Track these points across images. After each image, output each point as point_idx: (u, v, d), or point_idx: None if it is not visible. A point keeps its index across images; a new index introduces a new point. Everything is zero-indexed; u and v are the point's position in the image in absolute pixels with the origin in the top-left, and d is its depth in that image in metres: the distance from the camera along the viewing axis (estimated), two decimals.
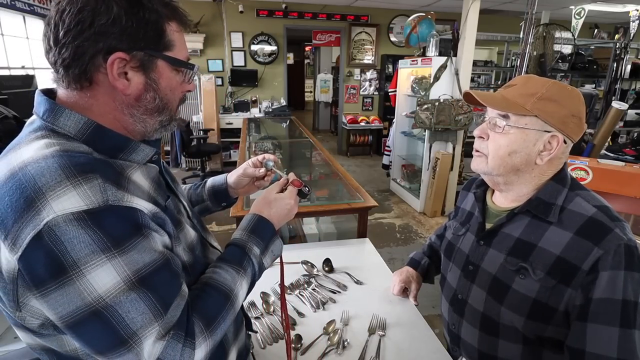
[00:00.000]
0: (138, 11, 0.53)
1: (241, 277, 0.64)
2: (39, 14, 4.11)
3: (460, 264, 0.95)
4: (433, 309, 2.38)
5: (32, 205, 0.45)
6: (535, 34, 3.83)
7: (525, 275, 0.79)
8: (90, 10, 0.51)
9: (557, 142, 0.78)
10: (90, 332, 0.48)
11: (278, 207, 0.74)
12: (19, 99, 2.62)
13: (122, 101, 0.57)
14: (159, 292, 0.51)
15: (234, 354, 0.74)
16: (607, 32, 6.96)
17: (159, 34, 0.56)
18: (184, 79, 0.62)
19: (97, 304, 0.47)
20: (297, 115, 5.96)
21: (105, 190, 0.48)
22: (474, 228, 0.94)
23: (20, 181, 0.46)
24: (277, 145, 3.68)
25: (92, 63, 0.53)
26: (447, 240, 1.04)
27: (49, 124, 0.54)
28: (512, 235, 0.84)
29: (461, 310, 0.93)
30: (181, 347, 0.52)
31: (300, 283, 1.24)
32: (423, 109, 3.70)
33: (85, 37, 0.51)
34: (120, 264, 0.48)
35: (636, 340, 0.68)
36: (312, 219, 2.45)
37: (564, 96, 0.78)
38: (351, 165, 5.95)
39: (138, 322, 0.49)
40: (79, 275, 0.46)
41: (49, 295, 0.47)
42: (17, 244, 0.45)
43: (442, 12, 5.93)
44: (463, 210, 1.03)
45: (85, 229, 0.46)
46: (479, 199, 0.96)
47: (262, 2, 5.68)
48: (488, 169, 0.84)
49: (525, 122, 0.78)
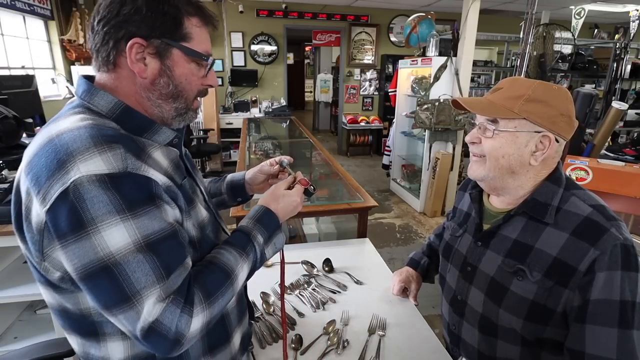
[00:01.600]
0: (158, 4, 0.60)
1: (243, 260, 0.68)
2: (39, 14, 4.11)
3: (458, 265, 0.95)
4: (433, 309, 2.38)
5: (63, 166, 0.52)
6: (535, 34, 3.83)
7: (522, 277, 0.79)
8: (118, 1, 0.59)
9: (549, 141, 0.78)
10: (99, 286, 0.53)
11: (285, 203, 0.78)
12: (19, 99, 2.63)
13: (141, 84, 0.63)
14: (163, 258, 0.55)
15: (238, 338, 0.78)
16: (607, 32, 6.96)
17: (177, 25, 0.62)
18: (201, 71, 0.67)
19: (108, 260, 0.52)
20: (297, 115, 5.96)
21: (126, 159, 0.54)
22: (471, 229, 0.94)
23: (56, 146, 0.53)
24: (277, 145, 3.68)
25: (115, 47, 0.60)
26: (445, 242, 1.04)
27: (86, 102, 0.62)
28: (510, 237, 0.83)
29: (461, 311, 0.93)
30: (179, 313, 0.55)
31: (300, 283, 1.24)
32: (423, 109, 3.70)
33: (112, 24, 0.59)
34: (132, 227, 0.53)
35: (635, 341, 0.68)
36: (312, 219, 2.45)
37: (551, 96, 0.78)
38: (351, 165, 5.95)
39: (142, 282, 0.53)
40: (95, 232, 0.52)
41: (68, 247, 0.52)
42: (47, 198, 0.52)
43: (442, 12, 5.93)
44: (460, 211, 1.03)
45: (105, 190, 0.52)
46: (475, 199, 0.95)
47: (262, 2, 5.68)
48: (485, 172, 0.84)
49: (514, 125, 0.79)
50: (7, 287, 1.69)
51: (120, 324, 0.55)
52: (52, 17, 4.34)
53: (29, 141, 1.75)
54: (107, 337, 0.63)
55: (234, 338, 0.77)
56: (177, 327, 0.55)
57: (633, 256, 0.71)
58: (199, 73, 0.66)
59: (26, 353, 0.94)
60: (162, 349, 0.55)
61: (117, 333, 0.62)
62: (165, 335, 0.54)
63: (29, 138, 1.76)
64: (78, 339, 0.65)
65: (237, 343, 0.79)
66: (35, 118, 2.91)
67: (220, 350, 0.73)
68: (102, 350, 0.63)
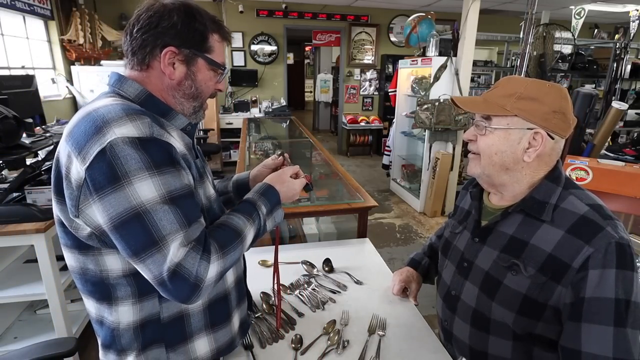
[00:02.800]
0: (190, 21, 0.73)
1: (250, 225, 0.77)
2: (39, 14, 4.11)
3: (455, 261, 0.96)
4: (433, 309, 2.38)
5: (100, 130, 0.61)
6: (535, 34, 3.83)
7: (516, 271, 0.80)
8: (158, 16, 0.71)
9: (542, 138, 0.79)
10: (131, 232, 0.62)
11: (287, 187, 0.88)
12: (19, 99, 2.62)
13: (168, 84, 0.75)
14: (184, 211, 0.65)
15: (237, 320, 0.88)
16: (607, 32, 6.96)
17: (203, 39, 0.75)
18: (216, 78, 0.80)
19: (139, 208, 0.62)
20: (297, 115, 5.96)
21: (152, 127, 0.65)
22: (470, 226, 0.95)
23: (93, 116, 0.64)
24: (277, 145, 3.68)
25: (151, 53, 0.72)
26: (445, 238, 1.05)
27: (116, 89, 0.73)
28: (506, 233, 0.85)
29: (453, 306, 0.94)
30: (199, 259, 0.64)
31: (300, 283, 1.24)
32: (423, 109, 3.70)
33: (151, 33, 0.71)
34: (158, 182, 0.63)
35: (630, 339, 0.68)
36: (312, 219, 2.45)
37: (543, 93, 0.79)
38: (351, 165, 5.95)
39: (167, 229, 0.63)
40: (128, 184, 0.61)
41: (105, 197, 0.61)
42: (87, 157, 0.61)
43: (442, 12, 5.93)
44: (462, 209, 1.04)
45: (136, 150, 0.62)
46: (475, 197, 0.97)
47: (262, 2, 5.68)
48: (480, 169, 0.86)
49: (506, 122, 0.80)
50: (7, 287, 1.69)
51: (147, 270, 0.63)
52: (52, 17, 4.34)
53: (29, 141, 1.74)
54: (119, 301, 0.72)
55: (234, 318, 0.86)
56: (197, 272, 0.64)
57: (628, 255, 0.71)
58: (215, 79, 0.80)
59: (26, 353, 0.94)
60: (183, 293, 0.64)
61: (127, 297, 0.72)
62: (187, 279, 0.63)
63: (29, 138, 1.76)
64: (94, 302, 0.74)
65: (236, 325, 0.87)
66: (35, 118, 2.91)
67: (221, 328, 0.83)
68: (114, 315, 0.73)
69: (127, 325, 0.73)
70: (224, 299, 0.83)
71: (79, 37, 4.51)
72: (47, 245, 1.55)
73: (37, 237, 1.52)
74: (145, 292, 0.72)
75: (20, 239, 1.53)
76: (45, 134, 2.03)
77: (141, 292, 0.72)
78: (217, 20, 0.78)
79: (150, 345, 0.75)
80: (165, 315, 0.75)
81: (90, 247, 0.69)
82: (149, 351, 0.75)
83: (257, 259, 1.38)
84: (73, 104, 4.57)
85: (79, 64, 4.55)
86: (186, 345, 0.78)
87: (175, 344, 0.77)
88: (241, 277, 0.92)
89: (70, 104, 4.55)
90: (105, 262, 0.70)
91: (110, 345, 0.75)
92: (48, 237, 1.55)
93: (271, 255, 1.40)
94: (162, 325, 0.75)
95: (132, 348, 0.74)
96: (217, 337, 0.82)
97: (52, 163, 1.07)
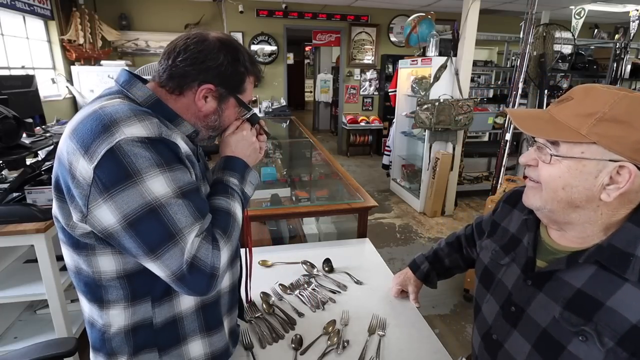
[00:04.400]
0: (234, 64, 0.75)
1: (232, 200, 0.78)
2: (39, 14, 4.11)
3: (501, 301, 0.79)
4: (433, 309, 2.38)
5: (107, 129, 0.61)
6: (535, 34, 3.83)
7: (587, 338, 0.62)
8: (207, 53, 0.72)
9: (629, 174, 0.59)
10: (147, 228, 0.62)
11: (235, 142, 0.84)
12: (19, 99, 2.62)
13: (194, 113, 0.77)
14: (197, 204, 0.67)
15: (227, 325, 0.86)
16: (607, 32, 6.96)
17: (240, 82, 0.78)
18: (240, 114, 0.84)
19: (155, 203, 0.62)
20: (297, 115, 5.97)
21: (160, 127, 0.66)
22: (520, 261, 0.76)
23: (100, 115, 0.63)
24: (277, 145, 3.68)
25: (189, 84, 0.73)
26: (484, 265, 0.87)
27: (125, 90, 0.72)
28: (571, 285, 0.66)
29: (494, 352, 0.79)
30: (211, 249, 0.66)
31: (300, 283, 1.24)
32: (423, 109, 3.70)
33: (195, 67, 0.72)
34: (169, 178, 0.64)
35: None
36: (312, 219, 2.44)
37: (637, 115, 0.58)
38: (351, 165, 5.95)
39: (183, 222, 0.64)
40: (140, 181, 0.61)
41: (117, 195, 0.60)
42: (94, 156, 0.60)
43: (442, 12, 5.93)
44: (505, 230, 0.85)
45: (146, 149, 0.62)
46: (531, 228, 0.77)
47: (262, 2, 5.68)
48: (541, 202, 0.69)
49: (581, 151, 0.61)
50: (7, 287, 1.69)
51: (163, 267, 0.63)
52: (52, 17, 4.35)
53: (29, 141, 1.74)
54: (110, 304, 0.71)
55: (225, 323, 0.85)
56: (212, 262, 0.66)
57: None
58: (237, 115, 0.83)
59: (26, 353, 0.94)
60: (202, 285, 0.65)
61: (119, 301, 0.70)
62: (204, 270, 0.65)
63: (29, 138, 1.76)
64: (87, 302, 0.73)
65: (227, 330, 0.86)
66: (35, 118, 2.91)
67: (215, 332, 0.82)
68: (104, 318, 0.72)
69: (117, 329, 0.72)
70: (216, 303, 0.82)
71: (79, 37, 4.52)
72: (47, 245, 1.55)
73: (37, 237, 1.52)
74: (138, 296, 0.71)
75: (20, 239, 1.53)
76: (45, 134, 2.03)
77: (134, 296, 0.71)
78: (254, 60, 0.80)
79: (142, 349, 0.74)
80: (158, 320, 0.73)
81: (84, 246, 0.68)
82: (141, 355, 0.74)
83: (257, 259, 1.38)
84: (73, 104, 4.57)
85: (79, 64, 4.55)
86: (180, 349, 0.77)
87: (168, 348, 0.76)
88: (235, 284, 0.90)
89: (70, 104, 4.55)
90: (98, 262, 0.69)
91: (100, 348, 0.74)
92: (48, 237, 1.55)
93: (271, 256, 1.41)
94: (154, 330, 0.73)
95: (123, 352, 0.73)
96: (212, 341, 0.81)
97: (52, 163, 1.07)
